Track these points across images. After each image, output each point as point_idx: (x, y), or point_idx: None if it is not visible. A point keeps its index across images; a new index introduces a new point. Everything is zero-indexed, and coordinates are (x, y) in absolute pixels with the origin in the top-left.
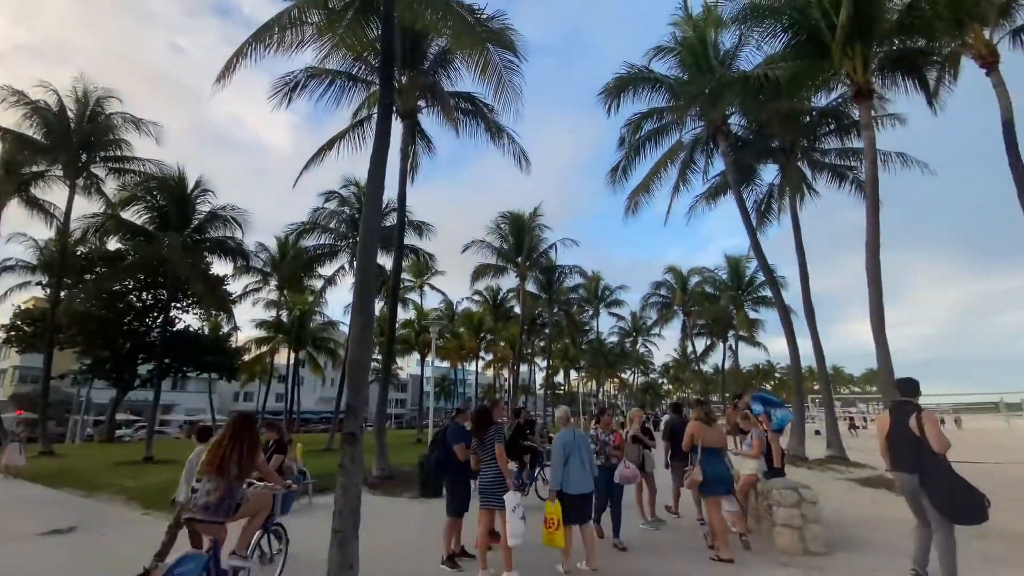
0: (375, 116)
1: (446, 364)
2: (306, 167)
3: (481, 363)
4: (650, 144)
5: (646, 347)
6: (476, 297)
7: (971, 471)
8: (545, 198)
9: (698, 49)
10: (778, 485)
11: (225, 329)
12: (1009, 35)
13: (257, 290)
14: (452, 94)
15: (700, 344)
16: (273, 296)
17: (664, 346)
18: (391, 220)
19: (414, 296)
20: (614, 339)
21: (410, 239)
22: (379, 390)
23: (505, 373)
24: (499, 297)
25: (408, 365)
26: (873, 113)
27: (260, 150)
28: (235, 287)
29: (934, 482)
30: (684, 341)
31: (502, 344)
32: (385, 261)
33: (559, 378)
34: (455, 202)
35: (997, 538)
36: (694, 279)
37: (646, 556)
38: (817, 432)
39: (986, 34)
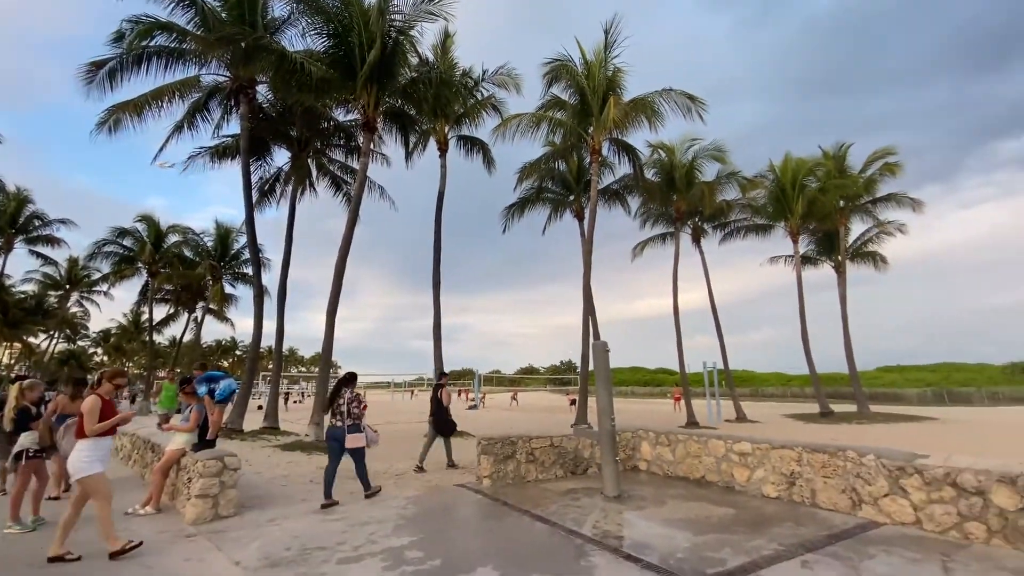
0: None
1: None
2: None
3: None
4: (158, 61)
5: (82, 305)
6: None
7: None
8: None
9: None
10: (203, 456)
11: None
12: (456, 136)
13: None
14: None
15: (161, 312)
16: None
17: (111, 308)
18: None
19: None
20: (30, 288)
21: None
22: None
23: None
24: None
25: None
26: (372, 146)
27: None
28: None
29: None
30: (141, 306)
31: None
32: None
33: None
34: None
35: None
36: (173, 237)
37: None
38: (260, 407)
39: (446, 129)
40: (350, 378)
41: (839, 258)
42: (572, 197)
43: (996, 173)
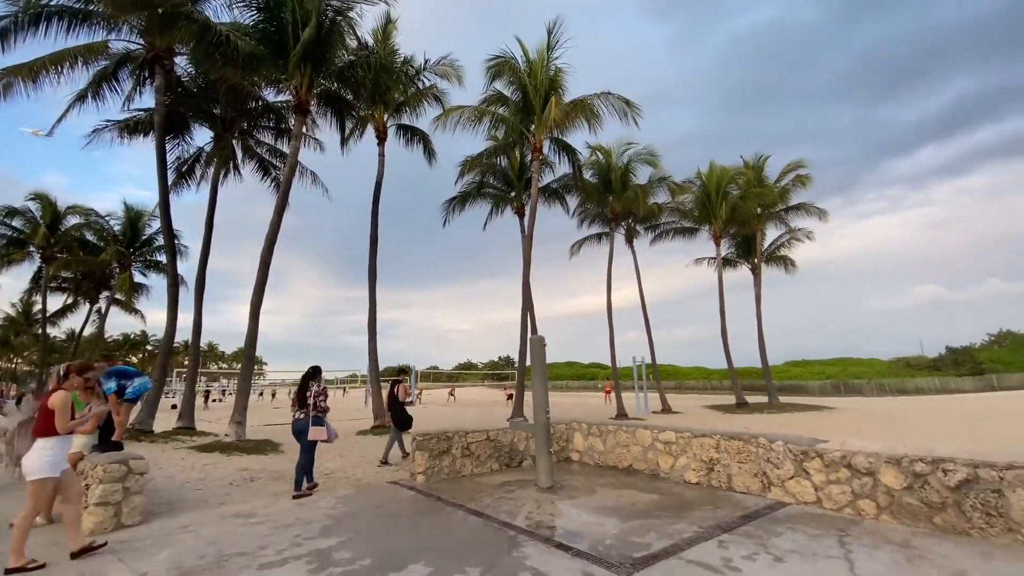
0: None
1: None
2: None
3: None
4: (60, 22)
5: None
6: None
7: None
8: None
9: None
10: (103, 460)
11: None
12: (396, 125)
13: None
14: None
15: (57, 302)
16: None
17: None
18: None
19: None
20: None
21: None
22: None
23: None
24: None
25: None
26: (305, 129)
27: None
28: None
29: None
30: (33, 295)
31: None
32: None
33: None
34: None
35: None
36: (73, 219)
37: None
38: (174, 406)
39: (385, 117)
40: (315, 372)
41: (755, 261)
42: (513, 194)
43: (888, 188)
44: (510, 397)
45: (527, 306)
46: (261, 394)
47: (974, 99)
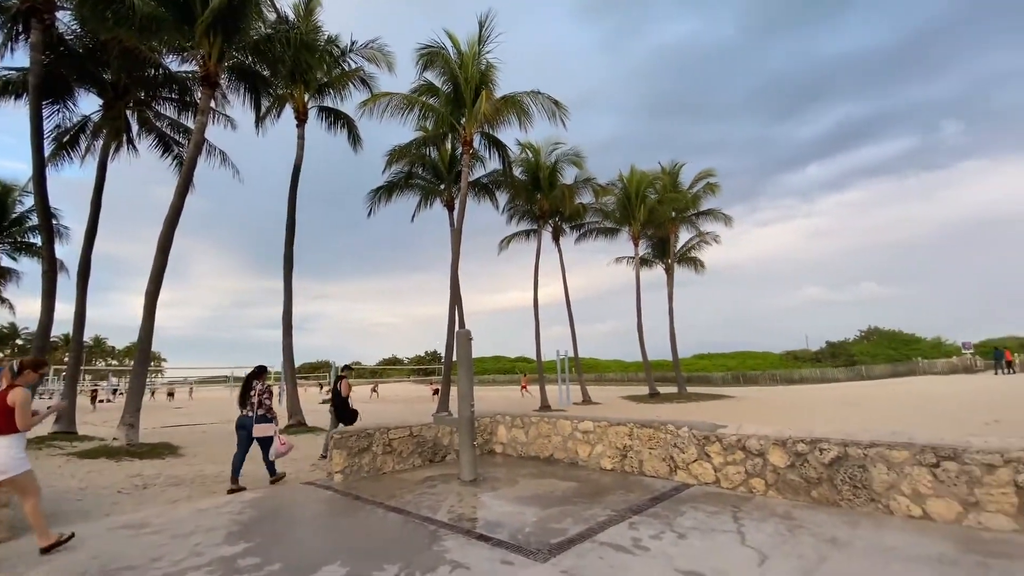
0: None
1: None
2: None
3: None
4: None
5: None
6: None
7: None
8: None
9: None
10: None
11: None
12: (318, 107)
13: None
14: None
15: None
16: None
17: None
18: None
19: None
20: None
21: None
22: None
23: None
24: None
25: None
26: (214, 104)
27: None
28: None
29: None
30: None
31: None
32: None
33: None
34: None
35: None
36: None
37: None
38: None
39: (306, 97)
40: (260, 371)
41: (669, 261)
42: (443, 186)
43: (782, 200)
44: (436, 392)
45: (455, 300)
46: (153, 394)
47: (856, 123)
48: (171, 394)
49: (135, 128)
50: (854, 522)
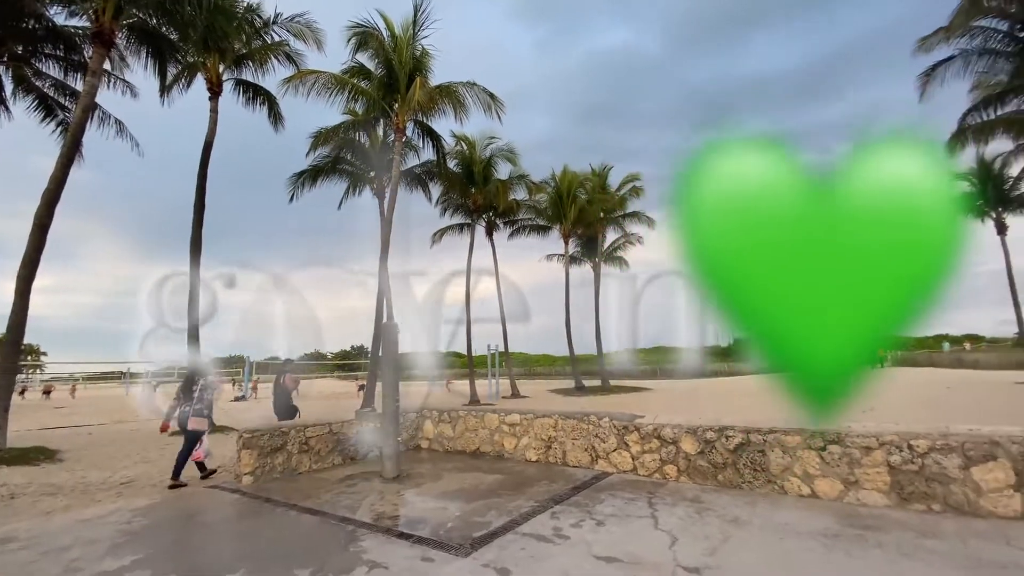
0: None
1: None
2: None
3: None
4: None
5: None
6: None
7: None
8: None
9: None
10: None
11: None
12: (234, 80)
13: None
14: None
15: None
16: None
17: None
18: None
19: None
20: None
21: None
22: None
23: None
24: None
25: None
26: (110, 67)
27: None
28: None
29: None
30: None
31: None
32: None
33: None
34: None
35: None
36: None
37: None
38: None
39: (220, 68)
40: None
41: (597, 260)
42: (373, 174)
43: None
44: (361, 388)
45: (384, 293)
46: (23, 392)
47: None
48: (47, 392)
49: (8, 87)
50: (754, 502)
